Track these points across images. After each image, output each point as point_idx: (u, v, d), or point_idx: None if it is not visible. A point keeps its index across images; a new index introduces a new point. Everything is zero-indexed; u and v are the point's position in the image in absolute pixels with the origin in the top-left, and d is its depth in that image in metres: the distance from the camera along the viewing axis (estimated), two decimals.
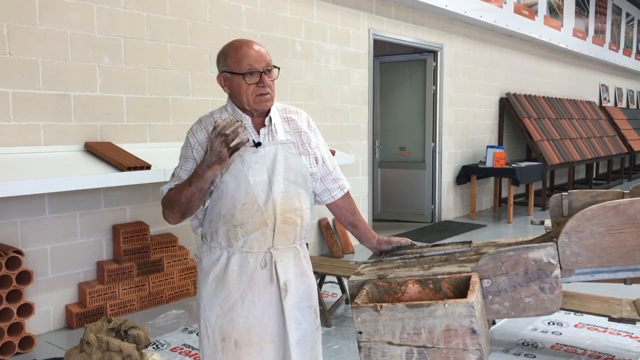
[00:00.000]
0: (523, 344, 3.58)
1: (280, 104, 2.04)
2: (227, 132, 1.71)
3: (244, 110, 1.93)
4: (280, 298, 1.93)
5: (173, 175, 1.96)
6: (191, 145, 1.93)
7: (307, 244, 2.13)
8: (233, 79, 1.90)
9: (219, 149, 1.73)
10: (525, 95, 9.70)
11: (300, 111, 2.08)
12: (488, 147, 8.23)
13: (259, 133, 1.93)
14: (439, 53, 7.75)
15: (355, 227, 2.17)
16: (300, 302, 1.98)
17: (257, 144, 1.90)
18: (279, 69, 1.97)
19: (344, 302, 4.27)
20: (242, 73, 1.87)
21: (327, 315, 3.90)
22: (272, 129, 1.95)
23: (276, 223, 1.89)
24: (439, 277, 1.83)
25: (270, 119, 1.95)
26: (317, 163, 2.03)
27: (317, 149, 2.05)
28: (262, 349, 1.93)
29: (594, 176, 11.83)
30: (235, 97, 1.93)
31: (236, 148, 1.74)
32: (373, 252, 2.18)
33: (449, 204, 8.21)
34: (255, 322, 1.92)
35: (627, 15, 14.58)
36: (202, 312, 1.97)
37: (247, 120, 1.93)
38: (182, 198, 1.84)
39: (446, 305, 1.61)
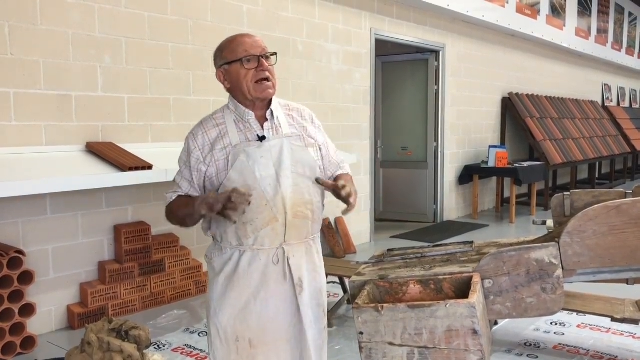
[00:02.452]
0: (525, 344, 3.57)
1: (282, 100, 2.03)
2: (233, 199, 1.72)
3: (246, 104, 1.92)
4: (295, 295, 1.91)
5: (174, 181, 1.98)
6: (190, 150, 1.92)
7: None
8: (231, 69, 1.89)
9: (220, 200, 1.75)
10: (527, 95, 9.68)
11: (303, 108, 2.07)
12: (490, 146, 8.21)
13: (262, 127, 1.92)
14: (441, 53, 7.73)
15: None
16: (312, 300, 1.96)
17: (262, 138, 1.88)
18: (276, 54, 1.95)
19: (345, 302, 4.26)
20: (239, 59, 1.86)
21: (328, 315, 3.89)
22: (275, 123, 1.93)
23: (287, 218, 1.87)
24: (441, 277, 1.82)
25: (272, 112, 1.93)
26: (322, 158, 2.01)
27: (323, 146, 2.03)
28: (278, 348, 1.91)
29: (597, 176, 11.80)
30: (236, 90, 1.91)
31: (223, 215, 1.77)
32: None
33: (451, 203, 8.20)
34: (269, 320, 1.90)
35: (630, 14, 14.53)
36: (213, 314, 1.94)
37: (251, 115, 1.91)
38: (178, 214, 1.92)
39: (447, 306, 1.61)
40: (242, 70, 1.87)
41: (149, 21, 4.39)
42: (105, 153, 3.93)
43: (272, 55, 1.92)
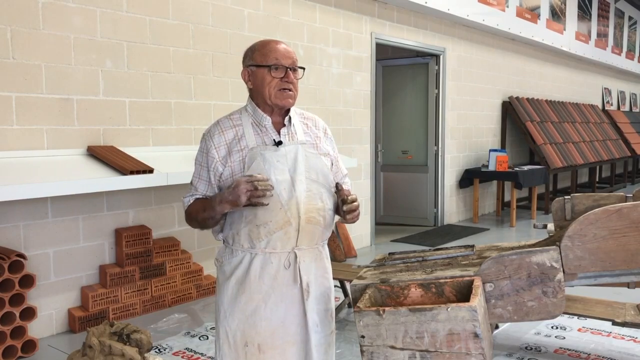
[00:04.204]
0: (526, 348, 3.57)
1: (297, 109, 2.06)
2: (259, 187, 1.76)
3: (264, 108, 1.95)
4: (303, 299, 1.92)
5: (192, 183, 2.00)
6: (206, 149, 1.94)
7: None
8: (258, 72, 1.92)
9: (240, 193, 1.76)
10: (528, 99, 9.70)
11: (317, 118, 2.11)
12: (491, 150, 8.22)
13: (279, 133, 1.95)
14: (441, 56, 7.75)
15: None
16: (319, 305, 1.97)
17: (278, 143, 1.91)
18: (304, 69, 1.99)
19: (346, 306, 4.27)
20: (267, 65, 1.89)
21: None
22: (291, 130, 1.96)
23: (300, 222, 1.89)
24: (442, 281, 1.82)
25: (290, 118, 1.97)
26: (332, 167, 2.05)
27: (333, 158, 2.08)
28: (285, 351, 1.92)
29: (597, 180, 11.80)
30: (257, 93, 1.94)
31: (253, 204, 1.79)
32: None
33: (451, 207, 8.20)
34: (278, 324, 1.91)
35: (630, 18, 14.56)
36: (222, 318, 1.95)
37: (268, 121, 1.94)
38: (198, 218, 1.93)
39: (449, 310, 1.61)
40: (268, 77, 1.90)
41: (150, 25, 4.40)
42: (107, 157, 3.94)
43: (299, 69, 1.96)
